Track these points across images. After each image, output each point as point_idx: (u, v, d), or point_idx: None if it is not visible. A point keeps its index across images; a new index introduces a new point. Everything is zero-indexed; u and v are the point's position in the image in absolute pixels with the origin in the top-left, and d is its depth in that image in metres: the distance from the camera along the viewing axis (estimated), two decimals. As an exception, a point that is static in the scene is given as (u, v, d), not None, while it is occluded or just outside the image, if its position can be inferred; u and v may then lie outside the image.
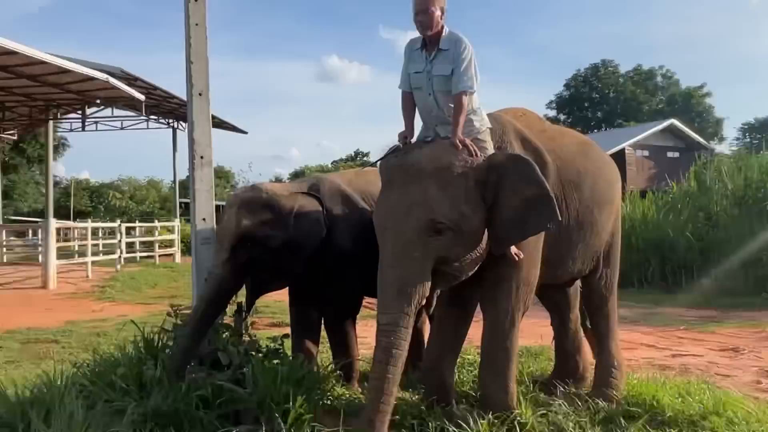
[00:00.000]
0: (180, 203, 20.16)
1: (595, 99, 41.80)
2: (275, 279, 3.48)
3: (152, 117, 15.46)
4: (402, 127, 2.85)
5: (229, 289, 3.29)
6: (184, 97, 3.91)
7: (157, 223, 15.83)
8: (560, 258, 3.14)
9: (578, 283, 3.65)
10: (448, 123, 2.74)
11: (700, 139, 27.99)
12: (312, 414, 2.79)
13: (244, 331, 3.61)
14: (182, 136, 16.45)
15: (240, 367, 3.12)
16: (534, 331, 5.81)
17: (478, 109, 2.81)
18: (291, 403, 2.73)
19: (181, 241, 16.45)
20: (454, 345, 3.15)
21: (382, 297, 2.49)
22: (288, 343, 3.56)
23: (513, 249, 2.70)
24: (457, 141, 2.60)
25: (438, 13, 2.70)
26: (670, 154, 27.18)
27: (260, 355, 3.34)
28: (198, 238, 3.57)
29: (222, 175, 56.53)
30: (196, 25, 3.60)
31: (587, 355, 3.73)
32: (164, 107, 14.80)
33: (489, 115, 3.01)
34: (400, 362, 2.44)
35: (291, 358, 3.24)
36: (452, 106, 2.72)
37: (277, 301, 8.72)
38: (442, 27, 2.75)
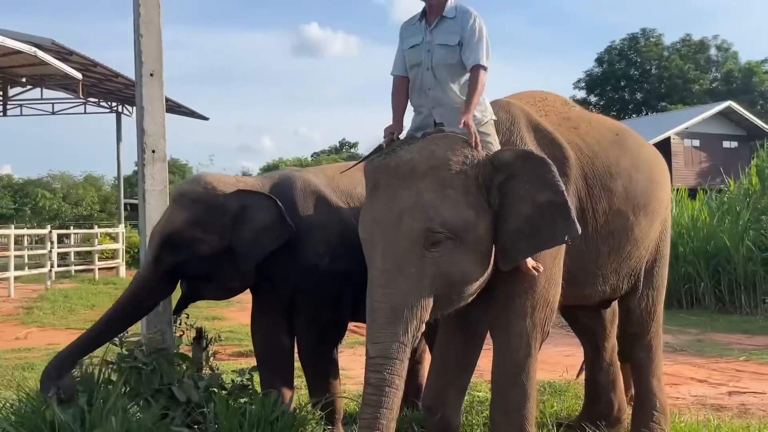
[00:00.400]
0: (126, 205, 20.15)
1: (634, 77, 42.10)
2: (211, 290, 3.54)
3: (91, 99, 15.47)
4: (390, 120, 2.90)
5: (150, 293, 3.36)
6: (132, 76, 3.95)
7: (96, 230, 15.83)
8: (587, 274, 3.18)
9: (615, 305, 3.70)
10: (449, 104, 2.80)
11: (764, 125, 28.25)
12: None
13: (204, 363, 3.67)
14: (128, 123, 16.48)
15: (199, 406, 3.17)
16: (560, 362, 5.90)
17: (485, 100, 2.86)
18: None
19: (127, 252, 16.46)
20: (459, 379, 3.17)
21: (371, 324, 2.51)
22: (258, 378, 3.60)
23: (530, 262, 2.74)
24: (469, 121, 2.64)
25: None
26: (726, 144, 27.51)
27: (224, 391, 3.39)
28: (148, 248, 3.60)
29: (177, 170, 56.60)
30: (147, -11, 3.63)
31: (623, 393, 3.79)
32: (106, 87, 14.83)
33: (495, 102, 3.07)
34: (395, 403, 2.45)
35: (261, 395, 3.26)
36: (453, 85, 2.80)
37: (245, 325, 8.79)
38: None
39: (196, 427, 3.08)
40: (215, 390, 3.38)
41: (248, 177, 3.77)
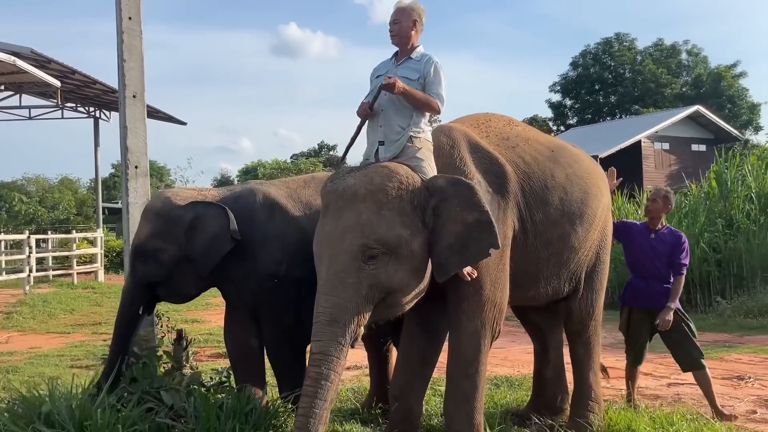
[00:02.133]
0: (103, 209, 20.20)
1: (608, 80, 42.84)
2: (169, 294, 3.87)
3: (68, 105, 15.57)
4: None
5: (132, 301, 3.75)
6: (110, 83, 4.26)
7: (75, 234, 15.91)
8: (530, 277, 3.57)
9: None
10: (394, 124, 3.17)
11: (731, 129, 29.04)
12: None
13: (185, 362, 4.00)
14: (105, 128, 16.59)
15: (181, 401, 3.50)
16: (520, 359, 6.30)
17: (425, 128, 3.24)
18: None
19: (105, 256, 16.57)
20: (422, 372, 3.56)
21: (315, 325, 2.87)
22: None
23: (467, 269, 3.12)
24: (397, 82, 3.05)
25: (408, 24, 3.26)
26: (695, 147, 28.21)
27: (203, 388, 3.72)
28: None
29: (155, 173, 56.28)
30: (129, 18, 3.96)
31: (566, 385, 4.17)
32: (84, 93, 14.96)
33: (438, 128, 3.48)
34: (330, 395, 2.80)
35: (236, 390, 3.59)
36: (402, 107, 3.17)
37: (221, 327, 9.09)
38: (417, 45, 3.31)
39: (180, 420, 3.38)
40: (195, 387, 3.72)
41: (212, 189, 4.08)
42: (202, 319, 10.24)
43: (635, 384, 4.57)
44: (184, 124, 17.81)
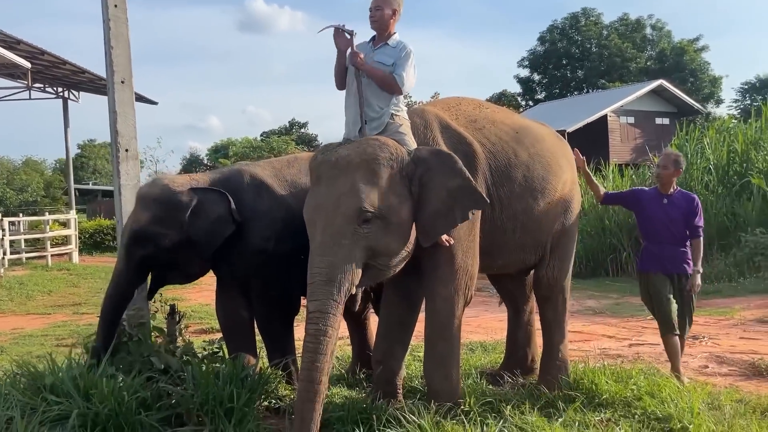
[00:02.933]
0: (75, 190, 20.00)
1: (575, 55, 43.39)
2: (175, 276, 4.09)
3: (36, 85, 15.35)
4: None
5: (128, 283, 3.91)
6: (80, 63, 4.39)
7: (48, 216, 15.80)
8: (498, 248, 3.85)
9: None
10: (374, 104, 3.39)
11: (693, 103, 29.74)
12: (255, 413, 3.44)
13: (178, 335, 4.21)
14: (75, 108, 16.35)
15: (178, 371, 3.72)
16: (494, 326, 6.65)
17: (403, 107, 3.48)
18: (235, 403, 3.34)
19: (78, 237, 16.50)
20: (401, 337, 3.85)
21: (311, 285, 3.08)
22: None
23: (444, 236, 3.38)
24: (360, 58, 3.32)
25: (388, 12, 3.46)
26: (659, 121, 28.84)
27: (197, 359, 3.94)
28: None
29: (122, 153, 55.32)
30: (115, 6, 4.08)
31: (537, 348, 4.50)
32: (52, 74, 14.75)
33: (413, 110, 3.73)
34: (330, 349, 3.02)
35: (230, 359, 3.83)
36: (379, 90, 3.39)
37: (205, 305, 9.30)
38: (393, 32, 3.51)
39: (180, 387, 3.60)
40: (189, 358, 3.94)
41: (200, 174, 4.26)
42: (183, 297, 10.38)
43: (677, 355, 4.27)
44: (155, 103, 17.65)
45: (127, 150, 4.11)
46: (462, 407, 3.46)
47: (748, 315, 6.87)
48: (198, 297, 10.57)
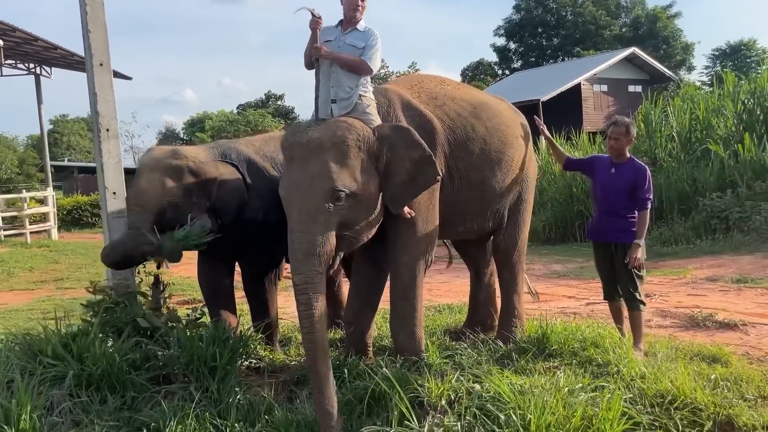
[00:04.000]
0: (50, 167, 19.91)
1: (551, 23, 43.52)
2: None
3: (7, 63, 15.23)
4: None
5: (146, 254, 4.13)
6: (53, 40, 4.58)
7: (25, 194, 15.84)
8: (457, 216, 4.19)
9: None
10: (344, 85, 3.66)
11: (665, 70, 30.22)
12: (237, 372, 3.78)
13: (162, 302, 4.51)
14: (47, 84, 16.20)
15: (164, 334, 4.03)
16: (461, 290, 7.03)
17: (369, 87, 3.75)
18: (218, 362, 3.67)
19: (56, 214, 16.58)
20: (371, 299, 4.20)
21: (293, 260, 3.39)
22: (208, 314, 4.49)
23: (405, 209, 3.71)
24: (323, 51, 3.59)
25: (365, 5, 3.74)
26: (631, 88, 29.28)
27: (181, 324, 4.25)
28: (109, 212, 4.35)
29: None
30: (92, -10, 4.26)
31: (497, 307, 4.87)
32: (23, 50, 14.64)
33: (377, 89, 3.99)
34: (322, 312, 3.34)
35: (212, 322, 4.15)
36: (350, 75, 3.67)
37: (185, 277, 9.57)
38: (361, 18, 3.76)
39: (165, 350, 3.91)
40: (173, 324, 4.25)
41: (197, 147, 4.60)
42: (164, 270, 10.61)
43: (621, 322, 4.43)
44: (129, 78, 17.57)
45: (108, 129, 4.33)
46: (425, 360, 3.83)
47: (699, 274, 7.33)
48: (179, 270, 10.83)
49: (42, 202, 16.22)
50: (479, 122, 4.20)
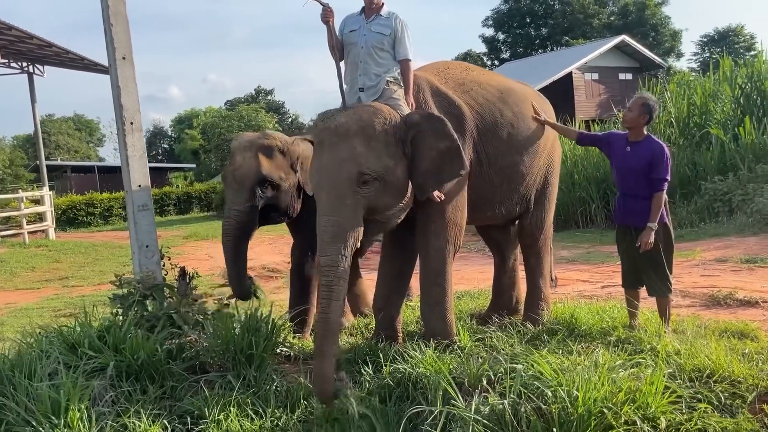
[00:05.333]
0: (38, 166, 19.75)
1: (538, 13, 43.57)
2: (279, 216, 4.70)
3: (1, 61, 15.08)
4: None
5: (250, 225, 4.51)
6: (48, 37, 4.56)
7: (21, 194, 15.72)
8: (486, 201, 4.23)
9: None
10: (371, 72, 3.74)
11: (654, 57, 30.37)
12: (271, 359, 3.81)
13: (188, 294, 4.52)
14: (42, 83, 16.02)
15: (196, 326, 4.05)
16: (476, 278, 7.10)
17: (396, 74, 3.78)
18: (254, 350, 3.70)
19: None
20: (399, 286, 4.23)
21: (320, 242, 3.41)
22: (234, 304, 4.51)
23: (435, 192, 3.73)
24: (410, 99, 3.69)
25: None
26: (622, 76, 29.40)
27: (209, 315, 4.27)
28: (135, 205, 4.35)
29: (83, 126, 54.23)
30: (112, -16, 4.25)
31: (522, 291, 4.93)
32: (16, 48, 14.49)
33: None
34: (342, 296, 3.38)
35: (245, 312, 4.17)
36: (378, 61, 3.74)
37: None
38: (382, 3, 3.81)
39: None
40: (201, 316, 4.26)
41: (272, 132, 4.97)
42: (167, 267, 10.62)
43: (636, 310, 4.19)
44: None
45: (132, 123, 4.33)
46: (457, 343, 3.87)
47: (708, 256, 7.42)
48: (185, 265, 10.82)
49: (37, 202, 16.09)
50: (507, 107, 4.23)
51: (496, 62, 43.12)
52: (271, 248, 12.97)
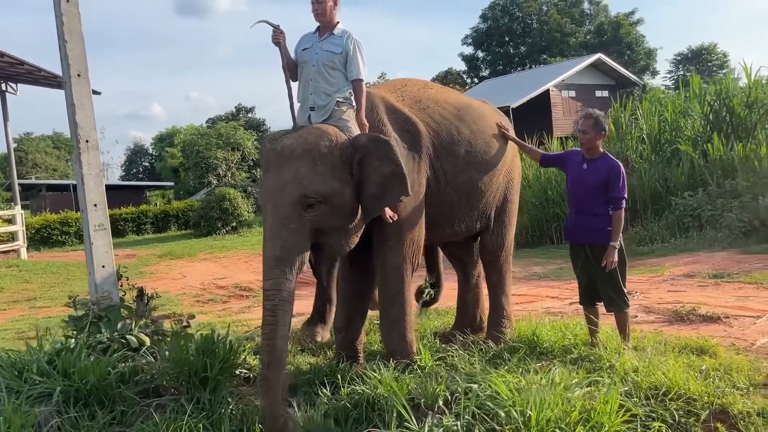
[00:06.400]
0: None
1: (517, 31, 44.18)
2: None
3: (-29, 79, 14.87)
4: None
5: None
6: (18, 55, 4.49)
7: (-8, 213, 15.45)
8: (445, 218, 4.20)
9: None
10: (321, 92, 3.70)
11: (630, 75, 30.88)
12: (227, 382, 3.72)
13: (147, 315, 4.43)
14: (18, 101, 15.73)
15: (151, 347, 3.95)
16: (446, 294, 7.03)
17: (348, 93, 3.74)
18: (208, 372, 3.61)
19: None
20: (360, 306, 4.17)
21: (264, 266, 3.34)
22: (194, 324, 4.42)
23: (387, 212, 3.69)
24: (363, 120, 3.63)
25: (330, 4, 3.73)
26: (598, 93, 29.82)
27: (167, 337, 4.17)
28: (91, 225, 4.26)
29: (62, 144, 53.68)
30: (67, 1, 4.19)
31: (485, 308, 4.89)
32: (-13, 66, 14.30)
33: None
34: (286, 321, 3.28)
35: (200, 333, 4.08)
36: (328, 79, 3.70)
37: (163, 292, 9.42)
38: (337, 21, 3.78)
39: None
40: (159, 337, 4.17)
41: None
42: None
43: (597, 327, 4.12)
44: (98, 93, 17.32)
45: (87, 141, 4.25)
46: (418, 363, 3.82)
47: (676, 271, 7.45)
48: (155, 285, 10.65)
49: (10, 221, 15.81)
50: (464, 124, 4.22)
51: (476, 80, 43.55)
52: (246, 266, 12.86)
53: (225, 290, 9.93)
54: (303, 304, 6.33)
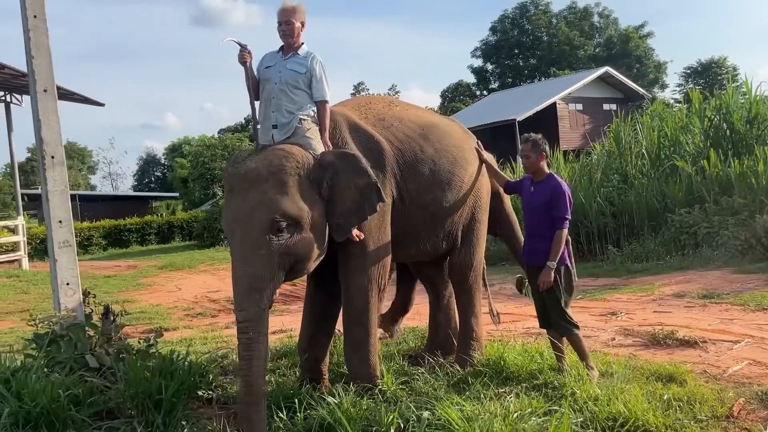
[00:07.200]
0: (22, 195, 19.64)
1: (526, 44, 44.17)
2: None
3: (-23, 91, 15.03)
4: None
5: None
6: (20, 67, 4.48)
7: (-5, 223, 15.55)
8: (409, 237, 4.12)
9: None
10: (284, 109, 3.65)
11: (638, 88, 30.65)
12: (185, 403, 3.64)
13: (113, 333, 4.37)
14: (19, 112, 15.92)
15: (111, 368, 3.89)
16: (427, 313, 6.94)
17: (311, 111, 3.69)
18: (163, 394, 3.53)
19: (28, 243, 16.26)
20: (324, 327, 4.09)
21: (235, 296, 3.29)
22: (176, 339, 4.35)
23: (355, 231, 3.62)
24: (327, 141, 3.60)
25: (298, 25, 3.71)
26: (606, 107, 29.60)
27: (132, 355, 4.11)
28: (55, 242, 4.22)
29: (76, 155, 54.21)
30: (35, 17, 4.19)
31: (456, 329, 4.77)
32: (-9, 78, 14.43)
33: None
34: (262, 353, 3.23)
35: (161, 353, 4.01)
36: (292, 97, 3.65)
37: (154, 305, 9.41)
38: (302, 42, 3.75)
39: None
40: (123, 355, 4.10)
41: None
42: (134, 299, 10.48)
43: (561, 352, 4.05)
44: (101, 105, 17.45)
45: (53, 156, 4.23)
46: (380, 387, 3.72)
47: (666, 290, 7.30)
48: (148, 298, 10.67)
49: (14, 231, 15.89)
50: (428, 143, 4.15)
51: (485, 92, 43.52)
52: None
53: (216, 304, 9.89)
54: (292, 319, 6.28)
